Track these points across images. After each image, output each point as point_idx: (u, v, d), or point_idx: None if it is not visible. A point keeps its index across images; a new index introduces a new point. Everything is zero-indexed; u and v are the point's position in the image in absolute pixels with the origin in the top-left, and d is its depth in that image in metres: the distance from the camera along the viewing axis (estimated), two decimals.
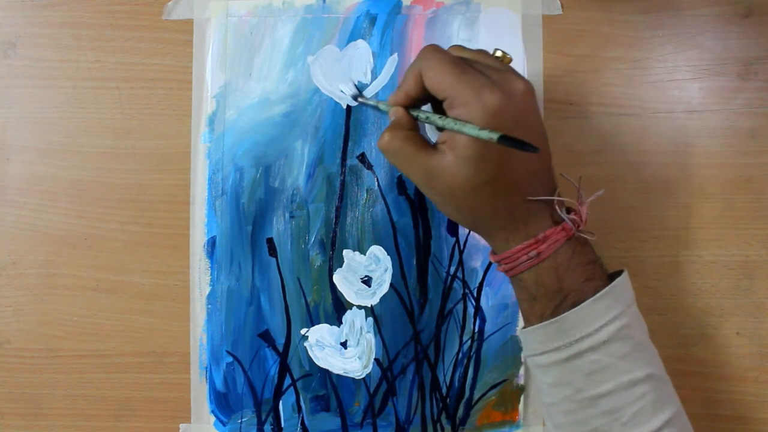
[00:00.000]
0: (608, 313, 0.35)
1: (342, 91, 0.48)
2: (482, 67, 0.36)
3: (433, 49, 0.37)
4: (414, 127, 0.39)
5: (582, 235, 0.37)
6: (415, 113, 0.39)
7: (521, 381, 0.48)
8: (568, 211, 0.38)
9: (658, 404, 0.35)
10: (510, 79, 0.36)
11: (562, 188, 0.38)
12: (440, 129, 0.40)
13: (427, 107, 0.41)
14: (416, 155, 0.37)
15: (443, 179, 0.36)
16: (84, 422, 0.50)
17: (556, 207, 0.37)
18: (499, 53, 0.40)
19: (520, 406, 0.48)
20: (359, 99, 0.48)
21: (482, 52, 0.39)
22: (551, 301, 0.36)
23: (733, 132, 0.48)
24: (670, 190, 0.48)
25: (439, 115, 0.37)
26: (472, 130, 0.34)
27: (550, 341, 0.36)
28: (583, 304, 0.35)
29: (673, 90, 0.49)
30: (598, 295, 0.35)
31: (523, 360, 0.48)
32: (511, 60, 0.40)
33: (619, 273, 0.38)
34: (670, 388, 0.37)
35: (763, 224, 0.48)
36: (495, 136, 0.32)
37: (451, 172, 0.36)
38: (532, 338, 0.38)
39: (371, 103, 0.47)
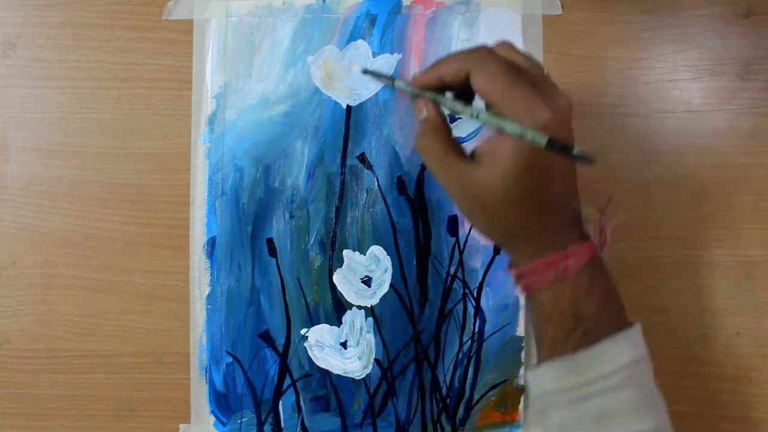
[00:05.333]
0: (622, 357, 0.35)
1: (351, 64, 0.47)
2: (532, 77, 0.35)
3: (488, 52, 0.36)
4: (449, 129, 0.38)
5: (603, 257, 0.37)
6: (440, 100, 0.37)
7: (521, 381, 0.48)
8: None
9: None
10: (557, 94, 0.35)
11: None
12: (453, 113, 0.37)
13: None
14: (455, 164, 0.36)
15: (480, 192, 0.35)
16: (84, 422, 0.50)
17: (584, 224, 0.37)
18: None
19: (520, 407, 0.48)
20: (368, 71, 0.46)
21: (529, 58, 0.37)
22: (565, 325, 0.36)
23: (733, 132, 0.48)
24: (670, 190, 0.48)
25: (474, 109, 0.35)
26: (514, 128, 0.33)
27: (561, 380, 0.36)
28: (597, 345, 0.35)
29: (673, 90, 0.49)
30: (613, 338, 0.35)
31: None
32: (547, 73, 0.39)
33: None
34: None
35: (763, 224, 0.48)
36: (543, 140, 0.31)
37: (489, 186, 0.35)
38: (542, 377, 0.37)
39: (384, 77, 0.43)
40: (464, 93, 0.37)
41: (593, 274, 0.36)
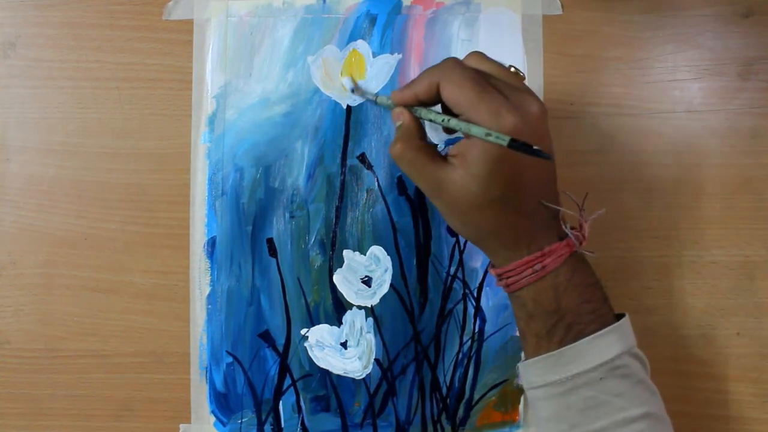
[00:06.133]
0: (608, 351, 0.35)
1: (343, 84, 0.48)
2: (501, 85, 0.36)
3: (455, 63, 0.37)
4: (424, 135, 0.39)
5: (583, 251, 0.38)
6: (417, 112, 0.39)
7: (521, 381, 0.48)
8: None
9: None
10: (527, 100, 0.36)
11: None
12: (445, 130, 0.39)
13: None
14: (427, 166, 0.37)
15: (451, 193, 0.36)
16: (84, 422, 0.50)
17: (561, 222, 0.37)
18: (512, 70, 0.39)
19: (520, 407, 0.48)
20: (356, 91, 0.47)
21: (500, 66, 0.38)
22: (548, 320, 0.37)
23: (733, 132, 0.48)
24: (670, 190, 0.48)
25: (444, 116, 0.37)
26: (479, 131, 0.34)
27: (547, 375, 0.36)
28: (582, 340, 0.36)
29: (673, 90, 0.49)
30: (599, 333, 0.36)
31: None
32: (524, 78, 0.39)
33: (621, 316, 0.38)
34: (668, 428, 0.37)
35: (763, 224, 0.48)
36: (504, 140, 0.32)
37: (459, 187, 0.36)
38: (531, 371, 0.38)
39: (370, 96, 0.47)
40: (448, 111, 0.38)
41: (573, 269, 0.37)
